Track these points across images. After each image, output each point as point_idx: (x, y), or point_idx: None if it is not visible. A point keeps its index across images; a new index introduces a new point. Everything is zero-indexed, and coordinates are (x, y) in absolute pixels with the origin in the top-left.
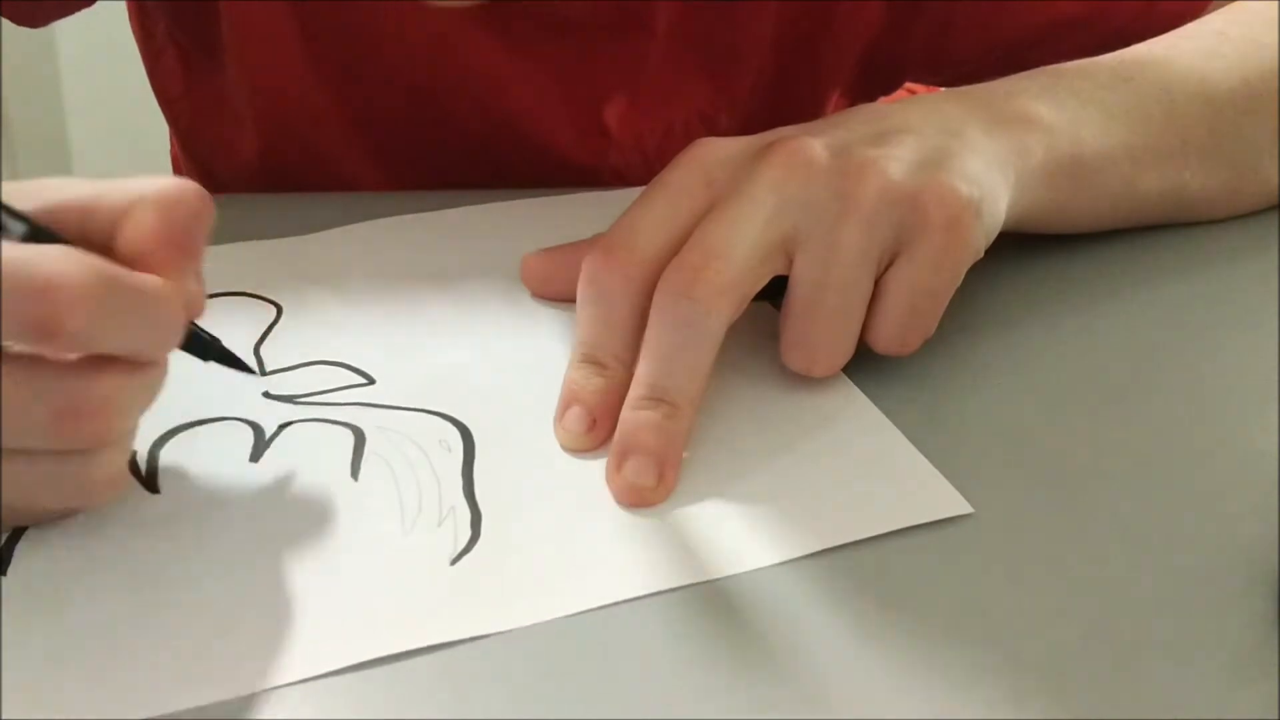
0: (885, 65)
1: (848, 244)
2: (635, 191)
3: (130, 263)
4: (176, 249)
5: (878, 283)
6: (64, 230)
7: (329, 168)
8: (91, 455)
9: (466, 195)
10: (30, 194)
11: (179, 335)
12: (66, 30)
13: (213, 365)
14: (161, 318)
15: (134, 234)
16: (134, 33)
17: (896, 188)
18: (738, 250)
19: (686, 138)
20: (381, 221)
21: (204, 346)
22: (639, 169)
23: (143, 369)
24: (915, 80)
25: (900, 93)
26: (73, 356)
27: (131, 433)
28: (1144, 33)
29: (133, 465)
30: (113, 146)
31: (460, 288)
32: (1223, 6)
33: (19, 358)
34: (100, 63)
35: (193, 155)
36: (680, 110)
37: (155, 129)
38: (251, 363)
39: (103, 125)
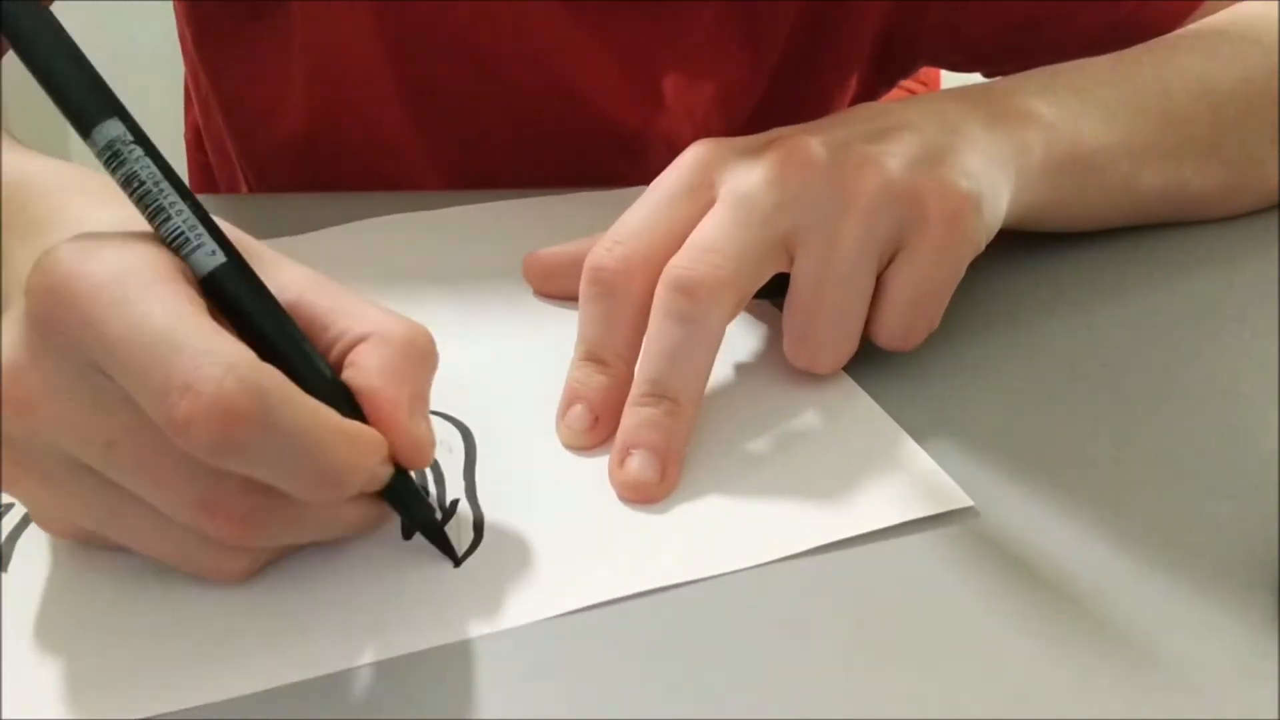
0: (901, 44)
1: (848, 240)
2: (637, 191)
3: (356, 394)
4: (411, 393)
5: (879, 279)
6: None
7: (375, 135)
8: (218, 548)
9: (470, 196)
10: (272, 278)
11: (344, 489)
12: (67, 26)
13: None
14: (316, 466)
15: (364, 369)
16: (175, 6)
17: (896, 184)
18: (738, 248)
19: (729, 105)
20: (382, 220)
21: (409, 509)
22: (688, 136)
23: (304, 504)
24: (929, 63)
25: (899, 91)
26: None
27: (278, 551)
28: (1152, 20)
29: None
30: None
31: (462, 286)
32: (1225, 6)
33: None
34: (100, 63)
35: (236, 129)
36: (724, 77)
37: (156, 129)
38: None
39: None
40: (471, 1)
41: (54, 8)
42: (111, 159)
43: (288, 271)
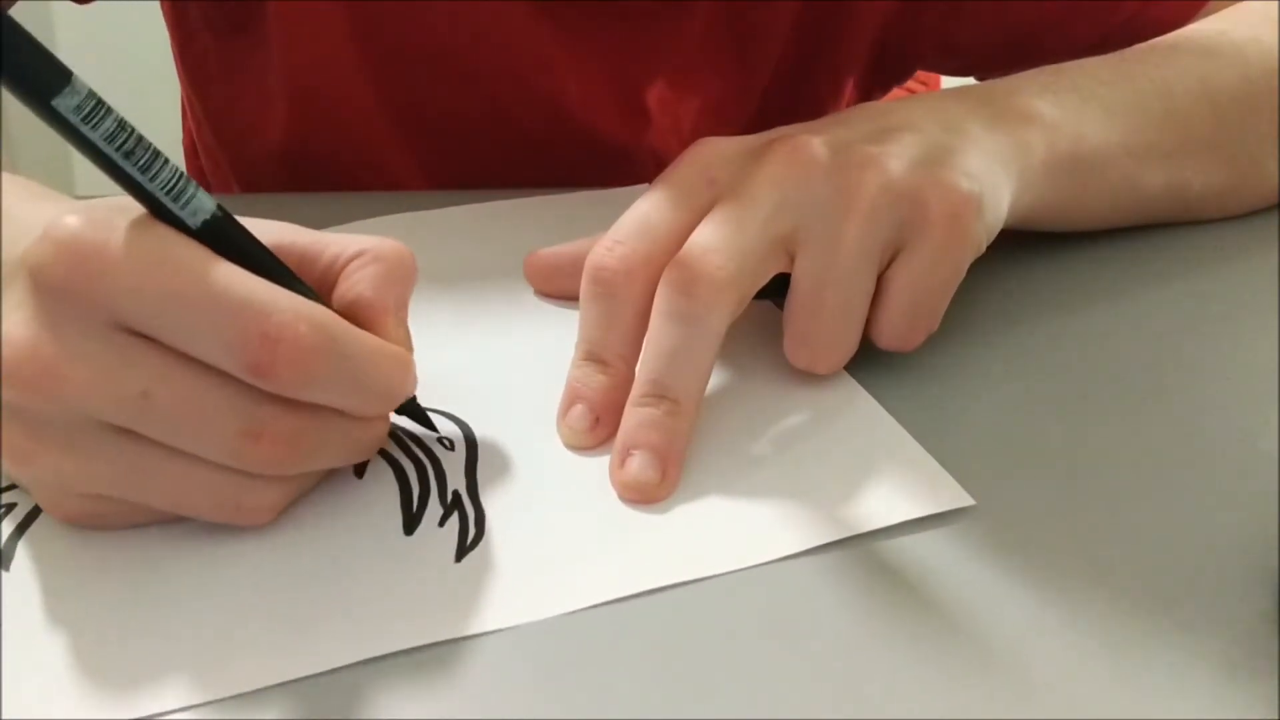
0: (897, 52)
1: (849, 241)
2: (638, 190)
3: (348, 311)
4: (395, 303)
5: (880, 279)
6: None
7: (359, 149)
8: (256, 481)
9: (466, 196)
10: (256, 231)
11: (393, 402)
12: (67, 33)
13: None
14: (376, 384)
15: (358, 280)
16: (165, 17)
17: (897, 184)
18: (739, 248)
19: (719, 117)
20: (381, 220)
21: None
22: (676, 149)
23: (348, 421)
24: (926, 68)
25: (900, 91)
26: None
27: (310, 478)
28: (1151, 25)
29: None
30: None
31: (462, 286)
32: (1226, 7)
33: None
34: (100, 65)
35: (223, 140)
36: (714, 90)
37: (156, 132)
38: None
39: None
40: (450, 7)
41: (59, 20)
42: (89, 117)
43: (256, 222)
